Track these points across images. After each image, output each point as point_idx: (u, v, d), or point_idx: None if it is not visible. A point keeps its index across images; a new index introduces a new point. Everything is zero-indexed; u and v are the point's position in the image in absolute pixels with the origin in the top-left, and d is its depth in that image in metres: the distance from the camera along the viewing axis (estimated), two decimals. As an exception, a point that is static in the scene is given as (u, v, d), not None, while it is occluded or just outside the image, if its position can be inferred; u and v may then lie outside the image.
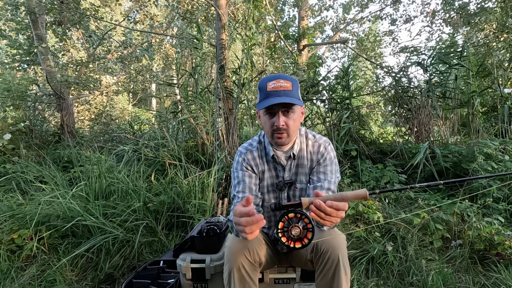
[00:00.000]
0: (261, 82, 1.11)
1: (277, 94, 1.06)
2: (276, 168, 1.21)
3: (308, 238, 0.84)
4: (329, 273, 1.01)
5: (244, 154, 1.23)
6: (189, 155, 3.31)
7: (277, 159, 1.19)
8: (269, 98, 1.06)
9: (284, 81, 1.07)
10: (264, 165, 1.21)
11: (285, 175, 1.20)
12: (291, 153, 1.19)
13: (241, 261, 1.02)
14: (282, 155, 1.20)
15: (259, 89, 1.12)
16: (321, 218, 0.79)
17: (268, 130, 1.12)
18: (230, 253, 1.04)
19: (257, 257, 1.05)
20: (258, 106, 1.11)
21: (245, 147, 1.26)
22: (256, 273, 1.08)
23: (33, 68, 7.10)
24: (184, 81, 3.80)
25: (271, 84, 1.07)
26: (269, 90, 1.07)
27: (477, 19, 5.42)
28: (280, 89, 1.06)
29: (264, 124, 1.14)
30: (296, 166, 1.20)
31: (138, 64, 8.17)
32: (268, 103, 1.05)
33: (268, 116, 1.11)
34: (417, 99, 3.68)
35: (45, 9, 5.13)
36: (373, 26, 11.77)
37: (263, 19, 5.87)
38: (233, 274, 1.02)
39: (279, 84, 1.07)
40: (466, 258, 1.87)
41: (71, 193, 2.30)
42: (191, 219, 2.26)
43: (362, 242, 2.04)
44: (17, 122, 4.66)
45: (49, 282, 1.76)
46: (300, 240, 0.85)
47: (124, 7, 9.70)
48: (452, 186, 2.77)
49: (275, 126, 1.09)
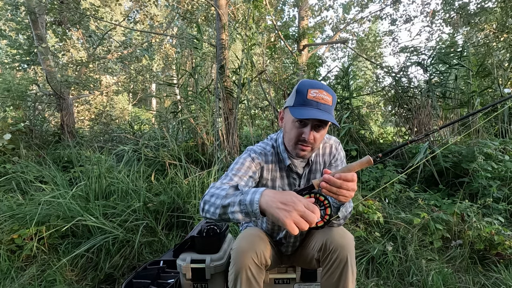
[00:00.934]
0: (301, 85, 1.01)
1: (317, 106, 0.97)
2: (290, 176, 1.17)
3: (328, 214, 0.89)
4: (336, 273, 1.00)
5: (258, 154, 1.15)
6: (189, 155, 3.31)
7: (293, 169, 1.15)
8: (308, 108, 0.97)
9: (326, 93, 0.99)
10: (277, 172, 1.15)
11: (301, 182, 1.17)
12: (308, 161, 1.15)
13: (249, 264, 1.00)
14: (300, 164, 1.15)
15: (298, 91, 1.00)
16: (334, 193, 0.80)
17: (293, 139, 1.04)
18: (237, 255, 1.01)
19: (263, 260, 1.03)
20: (291, 110, 0.99)
21: (260, 148, 1.17)
22: (261, 275, 1.06)
23: (33, 68, 7.09)
24: (184, 81, 3.79)
25: (312, 92, 0.97)
26: (310, 98, 0.97)
27: (477, 19, 5.41)
28: (321, 102, 0.97)
29: (289, 130, 1.05)
30: (309, 171, 1.18)
31: (138, 64, 8.16)
32: (307, 115, 0.95)
33: (298, 124, 1.01)
34: (417, 99, 3.68)
35: (45, 9, 5.13)
36: (373, 26, 11.77)
37: (263, 19, 5.86)
38: (240, 276, 1.00)
39: (321, 96, 0.98)
40: (466, 258, 1.87)
41: (71, 193, 2.30)
42: (191, 219, 2.26)
43: (362, 242, 2.04)
44: (17, 122, 4.66)
45: (49, 282, 1.76)
46: (322, 218, 0.90)
47: (124, 7, 9.70)
48: (452, 186, 2.77)
49: (302, 137, 1.01)
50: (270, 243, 1.15)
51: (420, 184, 2.86)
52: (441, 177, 2.83)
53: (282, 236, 1.23)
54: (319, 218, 0.74)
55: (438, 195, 2.58)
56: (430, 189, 2.78)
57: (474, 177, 2.52)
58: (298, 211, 0.69)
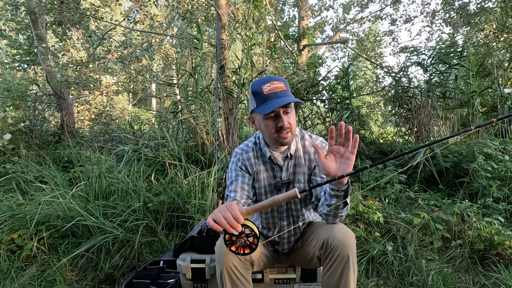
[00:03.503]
0: (254, 87, 1.09)
1: (276, 96, 1.05)
2: (274, 168, 1.21)
3: (254, 243, 0.89)
4: (337, 271, 1.00)
5: (239, 155, 1.24)
6: (189, 155, 3.31)
7: (274, 160, 1.20)
8: (270, 101, 1.05)
9: (277, 82, 1.07)
10: (260, 166, 1.22)
11: (282, 175, 1.20)
12: (288, 153, 1.19)
13: (231, 260, 1.02)
14: (279, 155, 1.20)
15: (254, 93, 1.08)
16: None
17: (271, 133, 1.10)
18: (219, 253, 1.04)
19: (247, 256, 1.05)
20: (258, 110, 1.07)
21: (240, 148, 1.27)
22: (248, 271, 1.08)
23: (33, 68, 7.09)
24: (184, 81, 3.80)
25: (266, 87, 1.06)
26: (266, 93, 1.05)
27: (477, 19, 5.41)
28: (277, 90, 1.05)
29: (265, 128, 1.11)
30: (294, 165, 1.21)
31: (138, 64, 8.16)
32: (272, 106, 1.02)
33: (270, 119, 1.08)
34: (417, 99, 3.68)
35: (45, 9, 5.13)
36: (373, 26, 11.77)
37: (263, 19, 5.86)
38: (224, 274, 1.03)
39: (274, 86, 1.06)
40: (466, 258, 1.87)
41: (71, 193, 2.30)
42: (191, 219, 2.26)
43: (362, 242, 2.04)
44: (17, 122, 4.66)
45: (49, 282, 1.76)
46: (249, 245, 0.89)
47: (124, 7, 9.70)
48: (452, 186, 2.77)
49: (279, 126, 1.07)
50: (262, 241, 1.19)
51: (420, 184, 2.86)
52: (441, 177, 2.83)
53: (275, 234, 1.25)
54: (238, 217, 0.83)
55: (438, 195, 2.58)
56: (430, 189, 2.78)
57: (474, 177, 2.52)
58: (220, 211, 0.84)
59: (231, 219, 0.82)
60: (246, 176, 1.20)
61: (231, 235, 0.88)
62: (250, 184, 1.20)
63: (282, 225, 1.23)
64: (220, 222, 0.82)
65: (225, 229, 0.82)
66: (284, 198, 0.88)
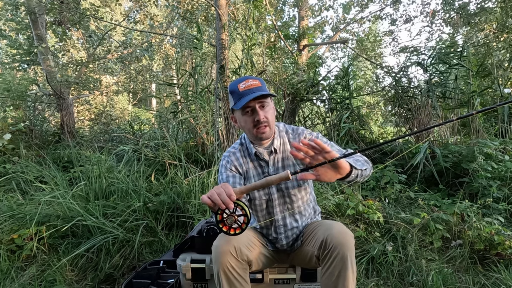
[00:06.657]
0: (231, 86, 1.17)
1: (250, 92, 1.12)
2: (261, 164, 1.25)
3: (245, 222, 0.90)
4: (336, 271, 1.00)
5: (227, 157, 1.28)
6: (189, 155, 3.31)
7: (260, 156, 1.23)
8: (245, 96, 1.11)
9: (252, 80, 1.15)
10: (249, 164, 1.25)
11: (269, 169, 1.23)
12: (272, 148, 1.23)
13: (228, 260, 1.03)
14: (264, 151, 1.24)
15: (231, 93, 1.17)
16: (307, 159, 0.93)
17: (250, 128, 1.16)
18: (216, 253, 1.04)
19: (244, 256, 1.06)
20: (236, 106, 1.14)
21: (228, 151, 1.31)
22: (246, 271, 1.09)
23: (33, 68, 7.09)
24: (184, 81, 3.79)
25: (241, 85, 1.14)
26: (242, 90, 1.13)
27: (477, 19, 5.41)
28: (252, 87, 1.13)
29: (244, 123, 1.18)
30: (282, 159, 1.24)
31: (138, 64, 8.16)
32: (247, 99, 1.10)
33: (247, 114, 1.15)
34: (417, 99, 3.68)
35: (45, 9, 5.13)
36: (373, 26, 11.76)
37: (263, 19, 5.86)
38: (221, 274, 1.03)
39: (249, 84, 1.14)
40: (466, 258, 1.87)
41: (71, 193, 2.30)
42: (191, 219, 2.26)
43: (362, 242, 2.04)
44: (17, 122, 4.66)
45: (49, 282, 1.76)
46: (240, 226, 0.91)
47: (124, 7, 9.69)
48: (452, 186, 2.77)
49: (256, 120, 1.13)
50: (260, 241, 1.23)
51: (420, 184, 2.86)
52: (441, 177, 2.83)
53: (272, 230, 1.25)
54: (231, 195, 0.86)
55: (438, 195, 2.58)
56: (430, 189, 2.78)
57: (474, 177, 2.52)
58: (214, 189, 0.88)
59: (224, 196, 0.85)
60: (237, 176, 1.23)
61: (223, 214, 0.89)
62: (242, 183, 1.22)
63: (275, 212, 1.24)
64: (213, 198, 0.85)
65: (217, 205, 0.85)
66: (276, 179, 0.91)
